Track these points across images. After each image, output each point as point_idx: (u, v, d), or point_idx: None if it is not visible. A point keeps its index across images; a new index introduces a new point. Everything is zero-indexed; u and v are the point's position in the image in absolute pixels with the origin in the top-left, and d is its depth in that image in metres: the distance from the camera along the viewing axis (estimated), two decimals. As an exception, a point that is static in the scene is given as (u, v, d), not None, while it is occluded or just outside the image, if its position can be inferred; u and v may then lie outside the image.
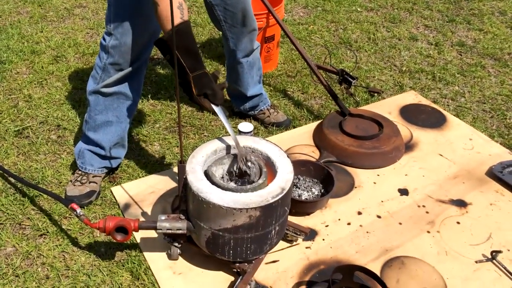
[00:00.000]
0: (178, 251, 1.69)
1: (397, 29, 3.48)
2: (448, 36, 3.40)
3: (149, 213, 1.91)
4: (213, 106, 1.60)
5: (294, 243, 1.81)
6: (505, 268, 1.72)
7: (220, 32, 2.22)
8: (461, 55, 3.19)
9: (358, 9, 3.77)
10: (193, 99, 1.60)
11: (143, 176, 2.10)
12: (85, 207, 1.93)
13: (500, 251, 1.77)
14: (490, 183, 2.11)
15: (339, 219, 1.92)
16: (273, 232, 1.54)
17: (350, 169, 2.17)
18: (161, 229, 1.57)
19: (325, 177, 2.00)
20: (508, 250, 1.80)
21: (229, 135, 1.61)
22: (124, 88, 1.90)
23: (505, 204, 2.01)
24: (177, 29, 1.47)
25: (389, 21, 3.61)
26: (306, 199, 1.93)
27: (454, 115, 2.57)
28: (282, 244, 1.78)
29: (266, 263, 1.72)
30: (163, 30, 1.54)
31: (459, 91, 2.81)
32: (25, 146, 2.26)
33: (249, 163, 1.58)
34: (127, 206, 1.94)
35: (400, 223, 1.91)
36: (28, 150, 2.24)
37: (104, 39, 1.80)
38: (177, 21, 1.47)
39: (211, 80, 1.56)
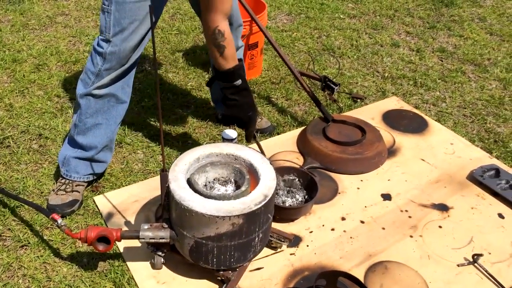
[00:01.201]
0: (162, 260, 1.68)
1: (379, 35, 3.53)
2: (429, 42, 3.46)
3: (133, 222, 1.90)
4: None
5: (278, 249, 1.81)
6: (486, 271, 1.74)
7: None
8: (442, 61, 3.24)
9: (341, 16, 3.81)
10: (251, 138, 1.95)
11: (126, 185, 2.09)
12: (67, 217, 1.91)
13: (481, 254, 1.79)
14: (471, 187, 2.15)
15: (323, 225, 1.93)
16: (257, 239, 1.54)
17: (334, 175, 2.19)
18: (144, 238, 1.56)
19: (309, 183, 2.01)
20: (489, 253, 1.82)
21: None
22: (116, 89, 1.90)
23: (486, 208, 2.04)
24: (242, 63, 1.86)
25: (371, 27, 3.66)
26: (290, 205, 1.94)
27: (436, 120, 2.61)
28: (266, 251, 1.78)
29: (251, 271, 1.72)
30: (222, 67, 1.78)
31: (440, 96, 2.85)
32: (5, 156, 2.23)
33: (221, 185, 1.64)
34: (110, 216, 1.93)
35: (383, 228, 1.92)
36: (9, 160, 2.21)
37: (100, 46, 1.79)
38: (235, 59, 1.80)
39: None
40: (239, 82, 1.81)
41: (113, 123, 1.97)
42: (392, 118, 2.59)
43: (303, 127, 2.47)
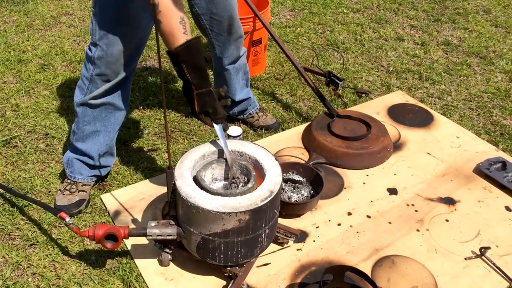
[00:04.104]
0: (169, 257, 1.69)
1: (383, 29, 3.51)
2: (434, 35, 3.44)
3: (140, 219, 1.91)
4: (214, 124, 1.58)
5: (285, 245, 1.81)
6: (494, 264, 1.74)
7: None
8: (447, 54, 3.22)
9: (345, 11, 3.80)
10: (195, 114, 1.58)
11: (132, 183, 2.10)
12: (74, 216, 1.93)
13: (488, 248, 1.79)
14: (477, 180, 2.14)
15: (329, 220, 1.93)
16: (263, 235, 1.54)
17: (340, 170, 2.19)
18: (151, 236, 1.56)
19: (315, 178, 2.01)
20: (497, 246, 1.82)
21: (219, 139, 1.62)
22: (112, 98, 1.89)
23: (493, 201, 2.03)
24: (189, 45, 1.47)
25: (375, 22, 3.64)
26: (296, 201, 1.94)
27: (441, 114, 2.60)
28: (273, 246, 1.79)
29: (258, 266, 1.73)
30: (168, 46, 1.50)
31: (445, 89, 2.84)
32: (13, 156, 2.25)
33: (240, 185, 1.59)
34: (117, 214, 1.94)
35: (390, 222, 1.92)
36: (16, 159, 2.23)
37: (89, 49, 1.78)
38: (180, 36, 1.45)
39: (215, 99, 1.55)
40: (176, 69, 1.52)
41: (111, 130, 1.97)
42: (397, 112, 2.58)
43: (308, 123, 2.46)
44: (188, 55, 1.48)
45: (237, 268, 1.60)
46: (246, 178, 1.59)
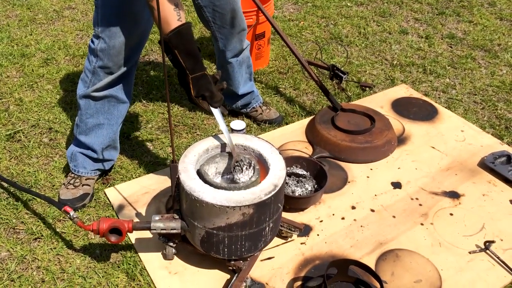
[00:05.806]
0: (173, 250, 1.69)
1: (387, 23, 3.49)
2: (438, 28, 3.42)
3: (143, 213, 1.91)
4: (211, 108, 1.59)
5: (289, 239, 1.81)
6: (498, 257, 1.73)
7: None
8: (451, 47, 3.20)
9: (348, 4, 3.78)
10: (192, 100, 1.59)
11: (136, 177, 2.10)
12: (78, 210, 1.93)
13: (493, 241, 1.78)
14: (482, 174, 2.13)
15: (333, 214, 1.93)
16: (267, 229, 1.54)
17: (343, 164, 2.18)
18: (155, 229, 1.57)
19: (318, 172, 2.01)
20: (501, 240, 1.81)
21: (222, 133, 1.61)
22: (115, 91, 1.89)
23: (498, 195, 2.02)
24: (178, 31, 1.47)
25: (379, 15, 3.62)
26: (300, 195, 1.94)
27: (446, 107, 2.58)
28: (277, 240, 1.79)
29: (262, 260, 1.73)
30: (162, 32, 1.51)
31: (450, 83, 2.82)
32: (17, 150, 2.25)
33: (244, 168, 1.58)
34: (121, 207, 1.94)
35: (394, 216, 1.92)
36: (20, 154, 2.23)
37: (92, 42, 1.78)
38: (173, 23, 1.47)
39: (210, 82, 1.55)
40: (170, 57, 1.53)
41: (114, 123, 1.97)
42: (402, 106, 2.57)
43: (311, 117, 2.46)
44: (179, 40, 1.48)
45: (241, 262, 1.60)
46: (249, 160, 1.59)
